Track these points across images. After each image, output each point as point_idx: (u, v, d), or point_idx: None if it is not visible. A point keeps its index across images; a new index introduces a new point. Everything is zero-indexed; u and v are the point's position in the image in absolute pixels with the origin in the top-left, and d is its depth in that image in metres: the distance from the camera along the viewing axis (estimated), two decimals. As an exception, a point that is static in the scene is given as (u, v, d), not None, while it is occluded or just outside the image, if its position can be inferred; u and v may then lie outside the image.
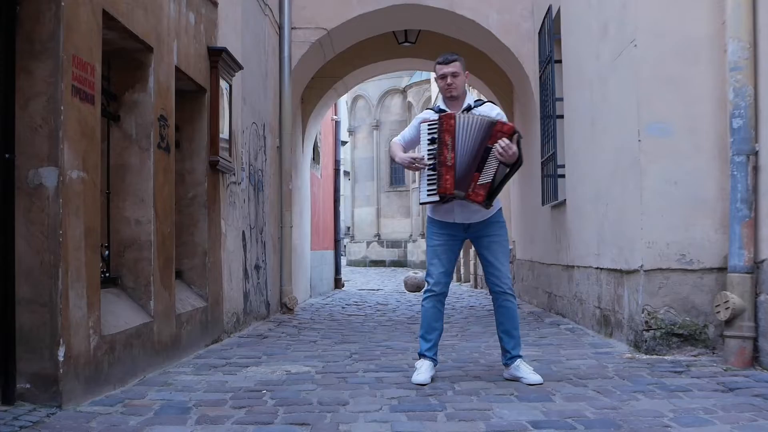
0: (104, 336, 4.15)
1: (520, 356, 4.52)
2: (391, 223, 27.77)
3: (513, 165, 4.39)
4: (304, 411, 3.74)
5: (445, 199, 4.41)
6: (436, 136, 4.38)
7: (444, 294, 4.58)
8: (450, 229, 4.53)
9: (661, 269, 5.18)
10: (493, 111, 4.54)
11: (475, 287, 16.12)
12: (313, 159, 13.62)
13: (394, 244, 27.15)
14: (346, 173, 31.05)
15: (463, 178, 4.35)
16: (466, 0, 9.44)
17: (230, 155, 6.69)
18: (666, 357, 5.13)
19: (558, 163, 7.83)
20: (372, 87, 27.53)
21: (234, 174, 7.07)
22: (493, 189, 4.40)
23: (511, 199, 12.08)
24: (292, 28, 9.49)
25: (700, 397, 3.94)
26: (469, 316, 9.36)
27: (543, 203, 8.65)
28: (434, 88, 22.02)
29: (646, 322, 5.19)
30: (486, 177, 4.36)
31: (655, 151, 5.19)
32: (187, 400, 3.99)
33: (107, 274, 4.78)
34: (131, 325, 4.56)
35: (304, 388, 4.32)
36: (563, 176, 7.71)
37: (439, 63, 4.55)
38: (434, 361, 4.58)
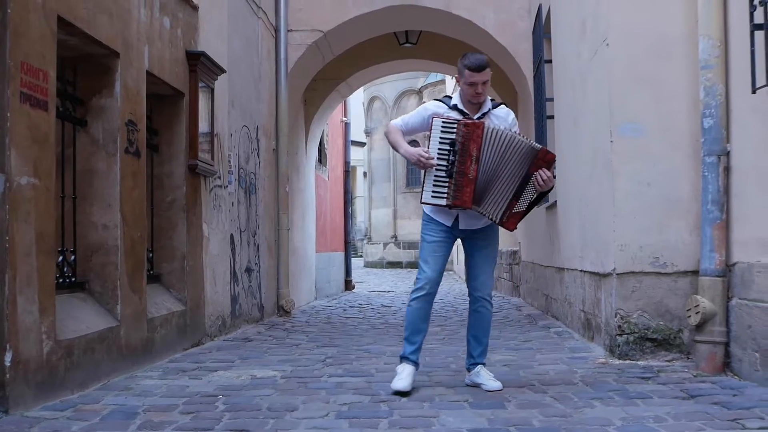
0: (60, 341, 4.16)
1: (483, 363, 4.45)
2: (408, 225, 27.65)
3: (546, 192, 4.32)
4: (249, 417, 3.72)
5: (454, 207, 4.27)
6: (454, 138, 4.17)
7: (434, 294, 4.43)
8: (449, 230, 4.39)
9: (633, 272, 5.08)
10: (509, 116, 4.43)
11: (486, 289, 16.02)
12: (319, 161, 13.62)
13: (410, 245, 27.00)
14: (365, 174, 31.07)
15: (483, 193, 4.21)
16: (462, 0, 9.38)
17: (213, 158, 6.69)
18: (639, 362, 5.03)
19: (549, 164, 7.73)
20: (388, 88, 27.49)
21: (219, 177, 7.07)
22: (523, 216, 4.34)
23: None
24: (288, 31, 9.50)
25: (657, 405, 3.85)
26: (467, 319, 9.27)
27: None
28: (449, 89, 21.91)
29: (619, 326, 5.10)
30: (522, 205, 4.26)
31: (628, 151, 5.10)
32: (140, 405, 3.98)
33: (73, 279, 4.79)
34: (93, 330, 4.56)
35: (260, 393, 4.30)
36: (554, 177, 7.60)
37: (471, 69, 4.21)
38: (417, 365, 4.42)
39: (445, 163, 4.21)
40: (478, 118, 4.32)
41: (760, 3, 4.16)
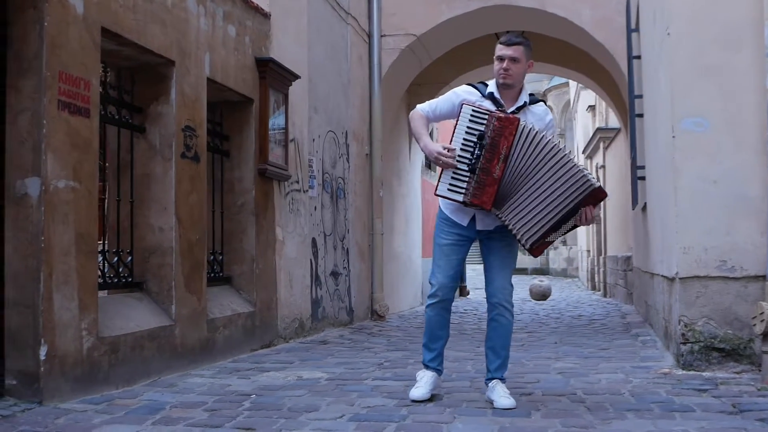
0: (103, 337, 4.34)
1: (501, 378, 4.07)
2: (534, 231, 27.21)
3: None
4: (264, 416, 3.73)
5: (470, 206, 3.96)
6: (483, 130, 3.83)
7: (449, 300, 4.18)
8: (465, 230, 4.10)
9: (698, 277, 4.73)
10: (547, 116, 4.08)
11: (605, 296, 15.45)
12: (428, 166, 13.57)
13: (535, 251, 26.54)
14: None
15: (506, 197, 3.87)
16: (557, -3, 9.11)
17: (287, 163, 6.80)
18: (704, 373, 4.67)
19: (638, 164, 7.36)
20: (512, 91, 27.14)
21: (297, 181, 7.18)
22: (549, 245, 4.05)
23: (628, 202, 11.48)
24: (381, 36, 9.54)
25: (694, 419, 3.56)
26: (564, 326, 8.99)
27: (633, 207, 8.17)
28: (572, 91, 21.32)
29: (683, 334, 4.76)
30: (556, 236, 3.92)
31: (691, 147, 4.76)
32: (171, 402, 4.08)
33: (130, 279, 5.00)
34: (143, 328, 4.73)
35: (294, 393, 4.31)
36: (644, 178, 7.24)
37: (501, 42, 3.97)
38: (438, 371, 4.24)
39: (468, 155, 3.87)
40: (513, 112, 4.00)
41: (821, -20, 3.78)
